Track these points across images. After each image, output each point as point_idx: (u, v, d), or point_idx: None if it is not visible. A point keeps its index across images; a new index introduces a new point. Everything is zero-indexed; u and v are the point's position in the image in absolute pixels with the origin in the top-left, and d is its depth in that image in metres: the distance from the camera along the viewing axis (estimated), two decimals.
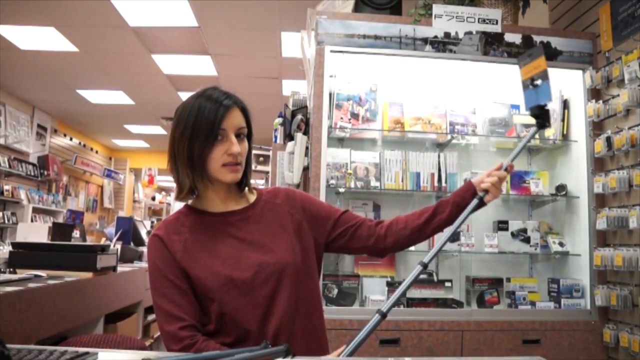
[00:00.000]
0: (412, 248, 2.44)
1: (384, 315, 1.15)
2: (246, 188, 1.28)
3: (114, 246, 3.07)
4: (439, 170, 2.51)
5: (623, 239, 2.27)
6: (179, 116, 1.20)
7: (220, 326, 1.15)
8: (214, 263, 1.16)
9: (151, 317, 3.61)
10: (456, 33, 2.48)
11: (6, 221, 6.62)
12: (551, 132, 2.60)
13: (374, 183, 2.48)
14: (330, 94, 2.45)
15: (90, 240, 5.97)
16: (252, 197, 1.30)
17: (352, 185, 2.44)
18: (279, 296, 1.16)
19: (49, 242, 3.23)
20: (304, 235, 1.27)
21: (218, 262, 1.16)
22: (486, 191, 1.30)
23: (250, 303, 1.15)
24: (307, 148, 2.46)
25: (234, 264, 1.16)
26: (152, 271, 1.18)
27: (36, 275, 2.21)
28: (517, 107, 2.72)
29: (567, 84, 2.59)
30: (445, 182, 2.50)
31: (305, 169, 2.49)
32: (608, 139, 2.30)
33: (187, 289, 1.15)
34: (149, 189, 12.44)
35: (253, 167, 7.18)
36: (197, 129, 1.16)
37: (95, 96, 7.09)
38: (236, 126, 1.19)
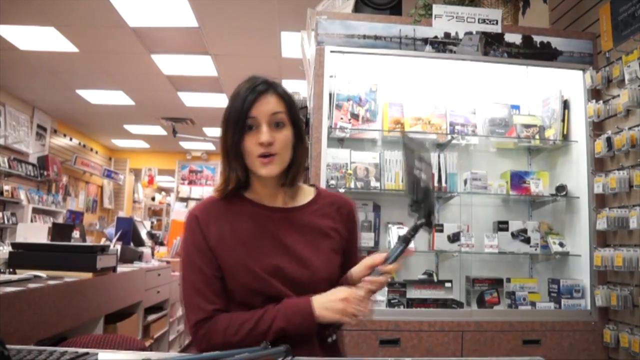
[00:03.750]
0: (412, 247, 2.45)
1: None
2: (299, 184, 1.23)
3: (114, 246, 3.07)
4: (439, 170, 2.51)
5: (623, 239, 2.27)
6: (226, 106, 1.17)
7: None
8: (248, 260, 1.12)
9: (151, 317, 3.61)
10: (456, 33, 2.48)
11: (6, 221, 6.62)
12: (551, 133, 2.61)
13: (374, 183, 2.48)
14: (330, 94, 2.45)
15: (90, 241, 5.96)
16: (308, 197, 1.24)
17: (352, 185, 2.44)
18: None
19: (49, 242, 3.23)
20: (340, 250, 1.22)
21: (252, 261, 1.12)
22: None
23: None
24: (307, 148, 2.46)
25: (269, 270, 1.11)
26: (183, 252, 1.16)
27: (36, 276, 2.21)
28: (517, 107, 2.72)
29: (567, 84, 2.59)
30: (446, 182, 2.50)
31: (305, 169, 2.49)
32: (608, 139, 2.30)
33: (212, 276, 1.12)
34: (148, 189, 12.43)
35: None
36: (231, 118, 1.12)
37: (95, 96, 7.08)
38: (269, 113, 1.12)
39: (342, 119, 2.49)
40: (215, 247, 1.13)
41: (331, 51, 2.41)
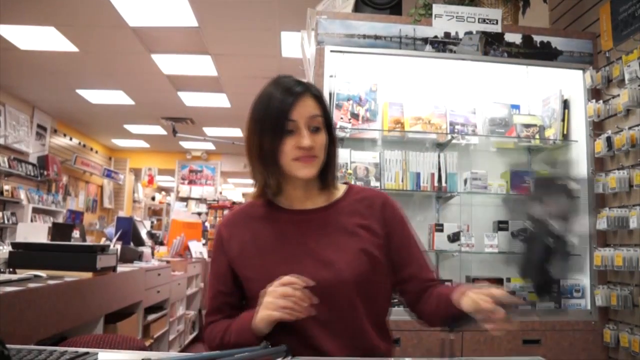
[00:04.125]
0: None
1: None
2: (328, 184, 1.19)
3: (114, 246, 3.07)
4: (439, 170, 2.51)
5: (623, 239, 2.27)
6: (252, 108, 1.12)
7: None
8: (264, 269, 1.09)
9: (151, 317, 3.61)
10: (456, 33, 2.48)
11: (6, 221, 6.62)
12: (551, 132, 2.60)
13: (374, 183, 2.47)
14: (330, 94, 2.45)
15: (90, 241, 5.97)
16: (337, 195, 1.19)
17: None
18: (319, 314, 1.04)
19: (49, 242, 3.23)
20: (375, 248, 1.13)
21: (268, 269, 1.08)
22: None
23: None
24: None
25: (286, 275, 1.04)
26: (211, 260, 1.21)
27: (36, 276, 2.20)
28: (517, 107, 2.72)
29: (567, 84, 2.59)
30: (446, 182, 2.50)
31: None
32: (608, 139, 2.30)
33: (218, 291, 1.17)
34: (148, 189, 12.44)
35: None
36: (267, 121, 1.08)
37: (95, 96, 7.09)
38: (307, 116, 1.08)
39: (342, 118, 2.49)
40: (235, 259, 1.15)
41: (331, 51, 2.41)
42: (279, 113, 1.07)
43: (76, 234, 3.62)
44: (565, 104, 2.58)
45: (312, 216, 1.15)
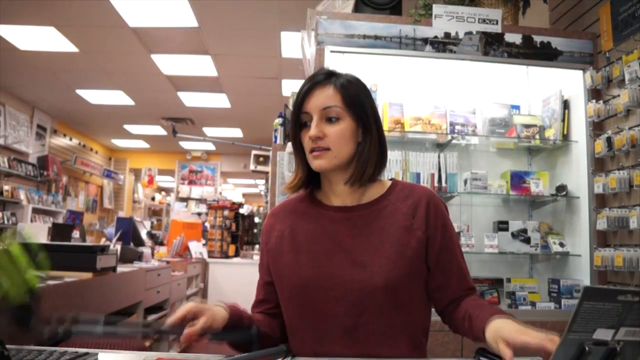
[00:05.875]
0: None
1: None
2: (376, 179, 1.14)
3: (114, 246, 3.07)
4: (439, 170, 2.51)
5: (623, 239, 2.27)
6: None
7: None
8: (295, 262, 1.07)
9: (151, 317, 3.61)
10: (456, 33, 2.48)
11: (6, 221, 6.62)
12: (551, 133, 2.60)
13: None
14: None
15: (89, 241, 5.97)
16: (380, 192, 1.12)
17: None
18: (338, 318, 1.02)
19: (49, 242, 3.23)
20: (415, 253, 1.05)
21: (301, 263, 1.06)
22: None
23: (311, 318, 1.04)
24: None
25: (315, 276, 1.04)
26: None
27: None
28: (517, 107, 2.72)
29: (568, 84, 2.59)
30: (446, 182, 2.50)
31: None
32: (608, 139, 2.30)
33: (267, 282, 1.15)
34: (148, 189, 12.44)
35: (252, 167, 6.99)
36: (291, 115, 1.11)
37: (95, 96, 7.09)
38: (321, 107, 1.05)
39: None
40: (271, 250, 1.13)
41: (331, 51, 2.40)
42: (295, 107, 1.09)
43: (76, 234, 3.62)
44: (566, 104, 2.58)
45: (351, 214, 1.09)
